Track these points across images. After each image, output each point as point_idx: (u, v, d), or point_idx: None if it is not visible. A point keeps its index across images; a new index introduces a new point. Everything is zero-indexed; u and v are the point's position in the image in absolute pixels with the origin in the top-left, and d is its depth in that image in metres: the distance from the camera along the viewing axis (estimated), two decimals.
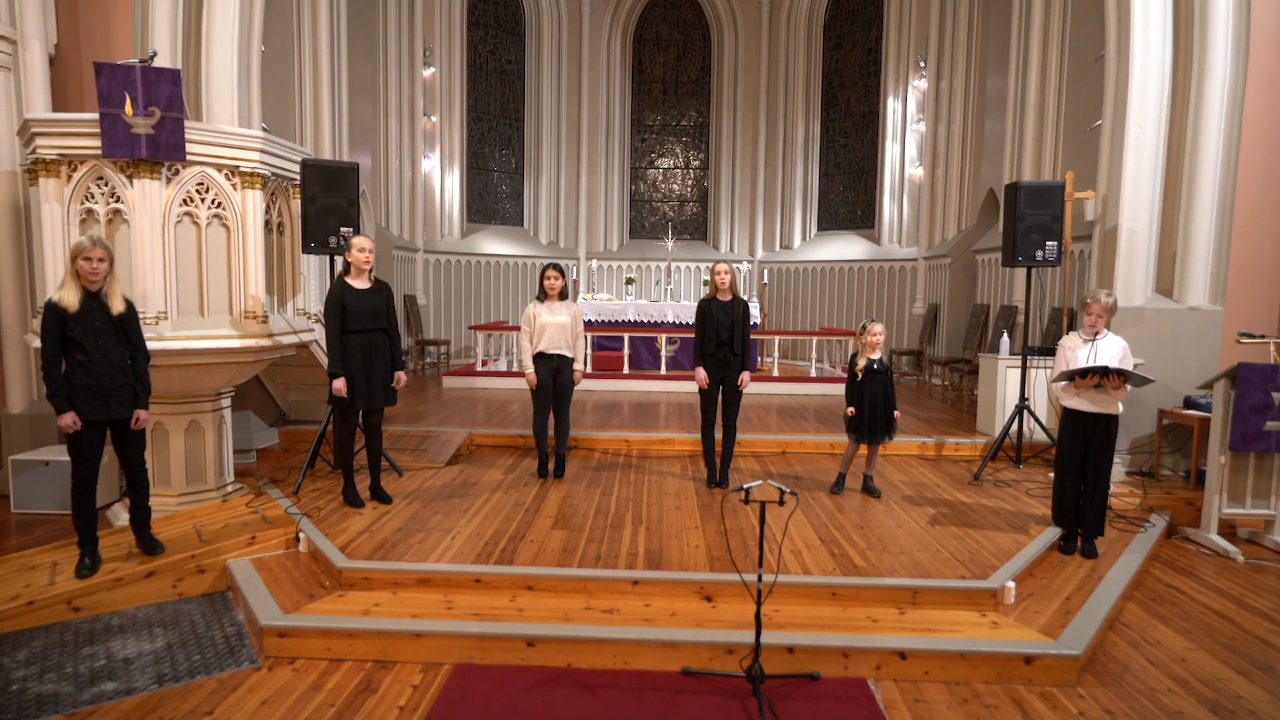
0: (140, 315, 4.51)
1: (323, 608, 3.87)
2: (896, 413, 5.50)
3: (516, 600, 3.98)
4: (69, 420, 3.95)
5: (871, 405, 5.42)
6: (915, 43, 12.26)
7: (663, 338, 10.68)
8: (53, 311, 3.94)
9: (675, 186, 15.30)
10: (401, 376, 5.17)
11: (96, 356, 3.99)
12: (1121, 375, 4.47)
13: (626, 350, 10.40)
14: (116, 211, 4.61)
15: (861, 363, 5.45)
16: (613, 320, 11.29)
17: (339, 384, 4.89)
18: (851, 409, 5.50)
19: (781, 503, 3.26)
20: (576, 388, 6.02)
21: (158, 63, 4.82)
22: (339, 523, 4.84)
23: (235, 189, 4.87)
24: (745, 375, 5.63)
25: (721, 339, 5.54)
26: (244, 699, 3.28)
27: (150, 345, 4.42)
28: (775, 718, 3.17)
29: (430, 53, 12.65)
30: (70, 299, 3.96)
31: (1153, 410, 6.36)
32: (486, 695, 3.34)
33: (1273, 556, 5.11)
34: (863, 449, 5.71)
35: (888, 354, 5.54)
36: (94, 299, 4.03)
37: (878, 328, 5.48)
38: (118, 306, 4.09)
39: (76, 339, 3.95)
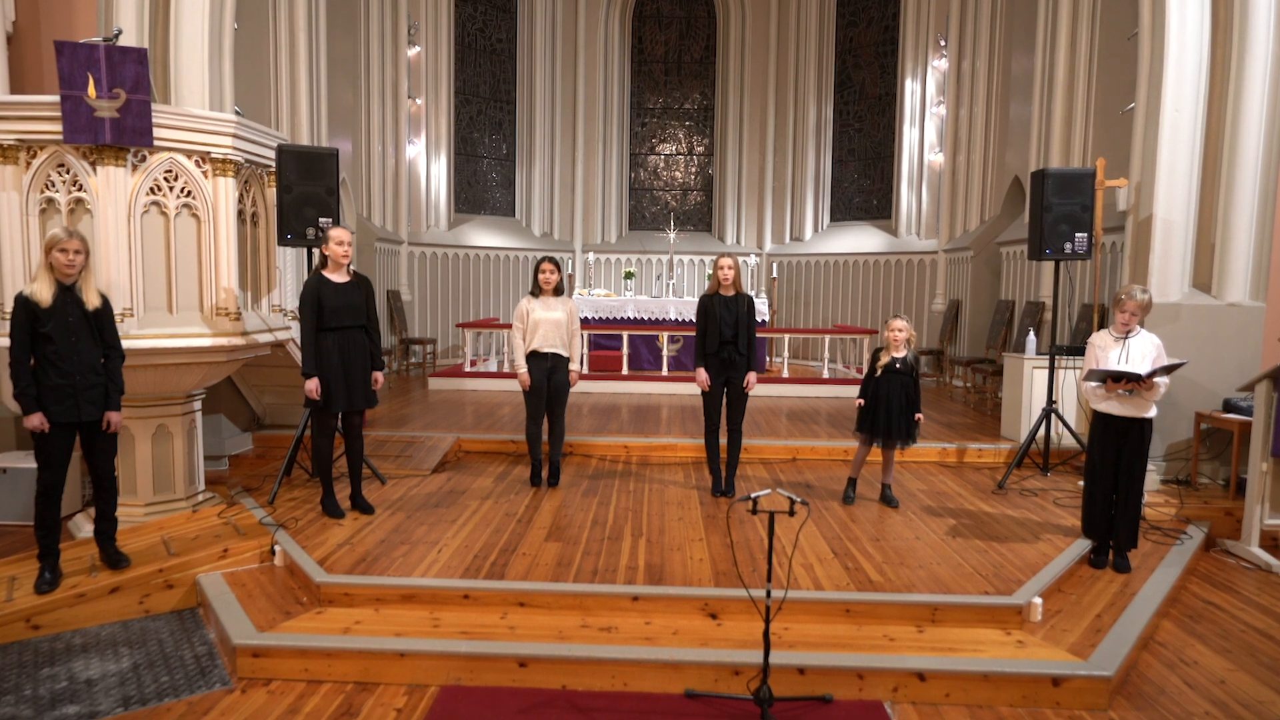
0: None
1: (300, 625, 3.87)
2: (918, 416, 5.49)
3: (508, 618, 3.97)
4: (37, 421, 3.97)
5: (887, 406, 5.43)
6: (935, 20, 12.26)
7: (664, 336, 10.68)
8: (24, 305, 3.97)
9: (678, 174, 15.30)
10: (379, 377, 5.17)
11: (68, 354, 4.02)
12: (1155, 374, 4.47)
13: (625, 349, 10.40)
14: (79, 201, 4.61)
15: (884, 359, 5.47)
16: (611, 317, 11.29)
17: (311, 385, 4.88)
18: (860, 400, 5.56)
19: (792, 513, 3.26)
20: (572, 389, 6.03)
21: (123, 41, 4.81)
22: (317, 534, 4.84)
23: (206, 177, 4.87)
24: (751, 376, 5.63)
25: (725, 337, 5.55)
26: None
27: None
28: None
29: (415, 30, 12.65)
30: (43, 293, 3.99)
31: (1189, 414, 6.36)
32: (475, 719, 3.34)
33: None
34: (876, 453, 5.72)
35: (914, 353, 5.54)
36: (68, 293, 4.06)
37: (897, 324, 5.47)
38: (93, 301, 4.13)
39: (48, 335, 3.98)
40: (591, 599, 4.07)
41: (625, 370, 10.34)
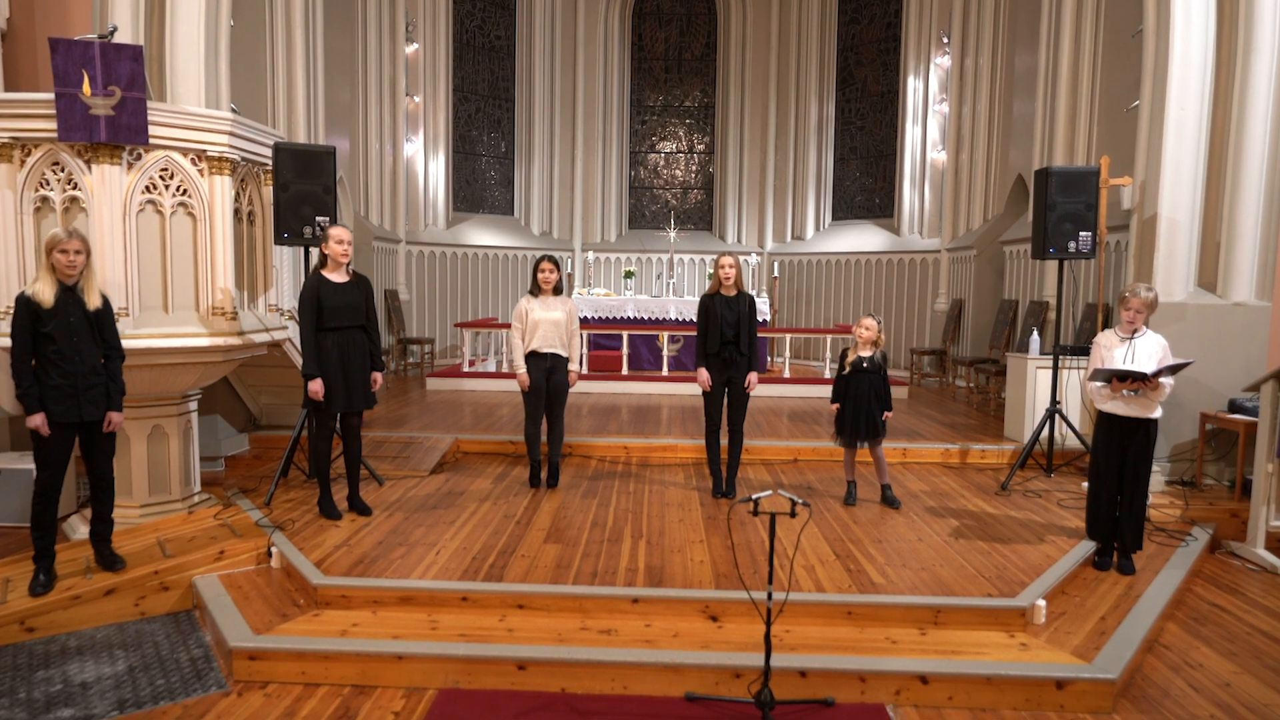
0: None
1: (297, 628, 3.87)
2: (887, 414, 5.55)
3: (506, 620, 3.97)
4: (39, 421, 3.99)
5: (855, 404, 5.51)
6: (938, 16, 12.25)
7: (664, 336, 10.68)
8: (25, 306, 3.99)
9: (678, 172, 15.30)
10: (378, 378, 5.18)
11: (69, 354, 4.04)
12: (1161, 373, 4.47)
13: (625, 349, 10.40)
14: (74, 199, 4.61)
15: (850, 357, 5.55)
16: (610, 317, 11.29)
17: (315, 385, 4.89)
18: (836, 405, 5.63)
19: (793, 514, 3.26)
20: (572, 389, 6.03)
21: (118, 38, 4.82)
22: (314, 536, 4.84)
23: (202, 175, 4.87)
24: (753, 376, 5.64)
25: (726, 337, 5.55)
26: None
27: None
28: None
29: (413, 27, 12.65)
30: (45, 293, 4.01)
31: (1194, 414, 6.35)
32: None
33: None
34: (862, 454, 5.75)
35: (882, 352, 5.60)
36: (69, 293, 4.08)
37: (867, 321, 5.57)
38: (94, 302, 4.14)
39: (49, 335, 4.00)
40: (591, 601, 4.07)
41: (625, 370, 10.34)
